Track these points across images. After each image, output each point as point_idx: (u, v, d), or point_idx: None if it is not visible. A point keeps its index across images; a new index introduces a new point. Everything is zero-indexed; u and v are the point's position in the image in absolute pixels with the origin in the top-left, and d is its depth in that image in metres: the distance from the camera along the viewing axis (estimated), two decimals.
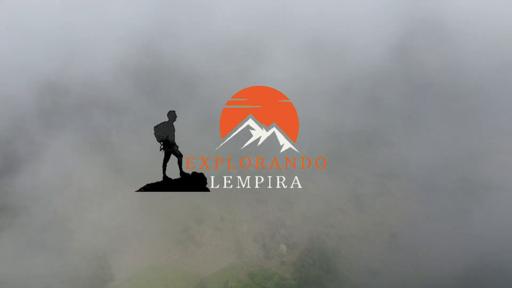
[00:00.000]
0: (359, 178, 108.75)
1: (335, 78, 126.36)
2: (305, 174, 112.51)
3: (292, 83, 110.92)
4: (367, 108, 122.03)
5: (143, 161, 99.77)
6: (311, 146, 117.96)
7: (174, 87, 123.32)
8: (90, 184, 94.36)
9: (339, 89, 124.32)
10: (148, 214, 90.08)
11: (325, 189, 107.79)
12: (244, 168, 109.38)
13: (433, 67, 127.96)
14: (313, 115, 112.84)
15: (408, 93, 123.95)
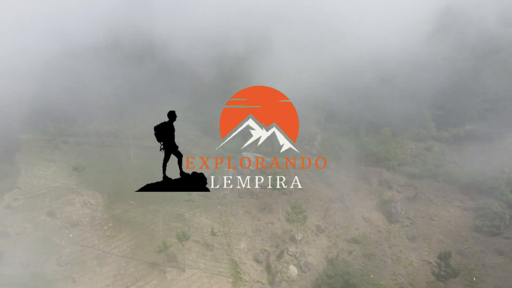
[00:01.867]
0: (385, 179, 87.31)
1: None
2: (317, 173, 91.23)
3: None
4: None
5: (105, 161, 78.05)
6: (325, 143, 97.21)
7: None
8: (38, 185, 71.60)
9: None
10: (115, 227, 67.61)
11: (343, 193, 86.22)
12: (244, 168, 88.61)
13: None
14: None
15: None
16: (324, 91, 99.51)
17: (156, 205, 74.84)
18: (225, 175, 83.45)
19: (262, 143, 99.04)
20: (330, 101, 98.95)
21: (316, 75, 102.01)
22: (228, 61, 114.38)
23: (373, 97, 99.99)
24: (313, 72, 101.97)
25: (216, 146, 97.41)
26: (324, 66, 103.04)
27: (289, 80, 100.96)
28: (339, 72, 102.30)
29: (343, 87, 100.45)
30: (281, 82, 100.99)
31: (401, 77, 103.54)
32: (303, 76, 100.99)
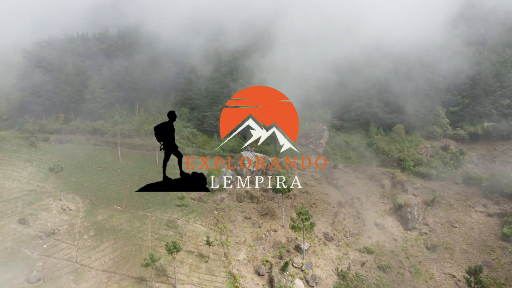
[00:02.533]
0: (399, 181, 79.24)
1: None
2: (324, 174, 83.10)
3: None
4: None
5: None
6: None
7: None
8: (10, 188, 63.08)
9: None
10: (96, 237, 59.21)
11: (353, 197, 78.11)
12: (244, 168, 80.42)
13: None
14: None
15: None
16: (331, 86, 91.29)
17: (145, 211, 66.55)
18: (223, 175, 75.32)
19: (263, 142, 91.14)
20: (337, 96, 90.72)
21: (323, 69, 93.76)
22: (226, 55, 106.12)
23: (384, 92, 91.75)
24: (320, 66, 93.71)
25: (213, 144, 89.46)
26: (331, 60, 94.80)
27: (294, 75, 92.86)
28: (347, 66, 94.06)
29: (351, 82, 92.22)
30: (285, 77, 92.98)
31: (414, 72, 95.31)
32: (309, 70, 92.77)
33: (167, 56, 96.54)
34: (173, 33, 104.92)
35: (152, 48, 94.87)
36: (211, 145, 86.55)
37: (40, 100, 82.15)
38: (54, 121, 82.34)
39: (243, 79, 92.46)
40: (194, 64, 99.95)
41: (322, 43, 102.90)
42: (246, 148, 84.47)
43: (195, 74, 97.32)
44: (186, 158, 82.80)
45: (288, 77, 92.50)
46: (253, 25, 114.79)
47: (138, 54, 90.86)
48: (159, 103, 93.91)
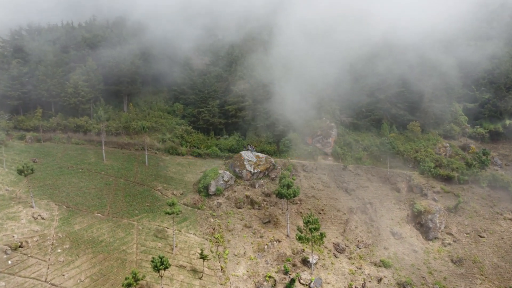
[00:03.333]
0: (417, 185, 71.10)
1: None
2: (333, 176, 74.92)
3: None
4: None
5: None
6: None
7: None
8: None
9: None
10: (72, 250, 50.73)
11: (366, 201, 69.96)
12: (244, 170, 72.03)
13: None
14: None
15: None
16: (339, 80, 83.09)
17: (130, 219, 58.16)
18: (220, 178, 67.13)
19: (265, 140, 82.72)
20: (346, 91, 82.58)
21: (330, 62, 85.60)
22: (224, 48, 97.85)
23: (398, 86, 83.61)
24: (327, 59, 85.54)
25: (210, 143, 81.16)
26: (340, 53, 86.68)
27: (299, 68, 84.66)
28: (358, 60, 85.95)
29: (362, 76, 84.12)
30: (289, 70, 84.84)
31: (429, 66, 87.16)
32: (315, 63, 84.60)
33: (159, 47, 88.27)
34: (165, 22, 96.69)
35: (143, 39, 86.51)
36: (207, 144, 78.28)
37: (16, 94, 73.70)
38: (32, 117, 73.85)
39: (242, 72, 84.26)
40: (189, 55, 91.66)
41: (329, 35, 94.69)
42: (246, 147, 76.30)
43: (190, 67, 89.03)
44: (179, 159, 74.74)
45: (292, 71, 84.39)
46: (253, 17, 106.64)
47: (127, 44, 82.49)
48: (150, 98, 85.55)
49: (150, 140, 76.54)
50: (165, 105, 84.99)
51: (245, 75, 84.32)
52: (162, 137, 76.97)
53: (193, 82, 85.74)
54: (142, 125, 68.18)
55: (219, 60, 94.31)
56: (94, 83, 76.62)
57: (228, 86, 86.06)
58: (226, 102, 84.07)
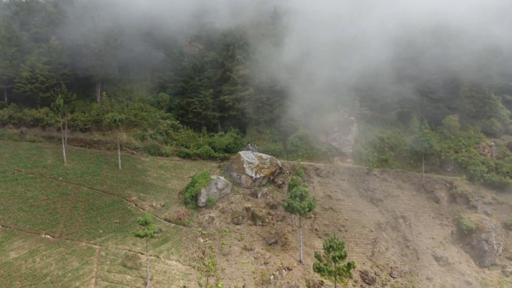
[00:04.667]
0: (461, 193, 56.56)
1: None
2: (354, 182, 60.36)
3: None
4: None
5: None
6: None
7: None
8: None
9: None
10: None
11: (397, 215, 55.44)
12: (243, 175, 57.46)
13: None
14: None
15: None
16: (360, 67, 68.40)
17: (91, 241, 43.39)
18: (212, 186, 52.56)
19: (269, 137, 68.03)
20: (368, 79, 67.95)
21: (348, 43, 70.87)
22: (222, 29, 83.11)
23: (428, 73, 69.08)
24: (345, 39, 70.84)
25: (201, 141, 66.61)
26: (358, 33, 71.99)
27: (308, 49, 70.07)
28: (380, 41, 71.30)
29: (386, 61, 69.43)
30: (297, 52, 70.28)
31: (464, 50, 72.43)
32: (331, 45, 69.83)
33: (142, 26, 73.37)
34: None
35: (121, 15, 71.57)
36: (197, 142, 63.60)
37: None
38: None
39: (242, 56, 69.64)
40: (177, 37, 76.99)
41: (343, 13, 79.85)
42: (246, 146, 61.52)
43: (179, 50, 74.33)
44: (163, 161, 60.03)
45: (301, 53, 69.74)
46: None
47: (101, 21, 67.62)
48: (129, 87, 70.69)
49: (127, 137, 61.82)
50: (148, 95, 70.26)
51: (246, 59, 69.76)
52: (142, 134, 62.30)
53: (181, 68, 71.07)
54: (114, 118, 53.44)
55: (214, 43, 79.68)
56: (58, 66, 61.83)
57: (225, 73, 71.51)
58: (221, 92, 69.46)
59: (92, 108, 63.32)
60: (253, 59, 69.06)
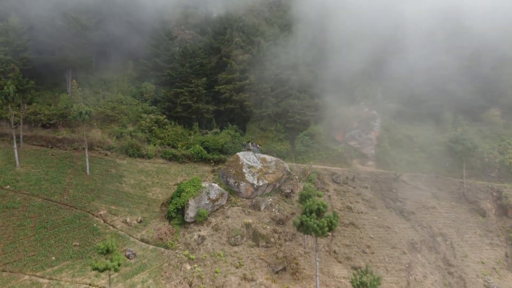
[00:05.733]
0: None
1: None
2: (379, 190, 49.40)
3: None
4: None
5: None
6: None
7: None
8: None
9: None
10: None
11: (435, 232, 44.42)
12: (242, 182, 46.68)
13: None
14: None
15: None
16: (379, 49, 57.46)
17: (37, 272, 32.32)
18: (203, 196, 41.53)
19: (275, 136, 56.67)
20: (390, 64, 56.98)
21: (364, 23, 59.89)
22: (219, 12, 72.05)
23: (464, 58, 58.06)
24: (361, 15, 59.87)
25: (191, 140, 55.43)
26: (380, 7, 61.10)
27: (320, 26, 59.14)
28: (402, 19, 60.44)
29: (413, 41, 58.48)
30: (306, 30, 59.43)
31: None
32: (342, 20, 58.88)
33: (125, 4, 62.20)
34: None
35: None
36: (187, 141, 52.53)
37: None
38: None
39: (241, 39, 58.70)
40: (165, 18, 65.97)
41: None
42: (246, 146, 50.42)
43: (167, 33, 63.31)
44: (143, 164, 48.79)
45: (313, 36, 58.85)
46: None
47: None
48: (108, 76, 59.60)
49: (102, 135, 50.75)
50: (129, 85, 59.26)
51: (246, 43, 58.84)
52: (120, 131, 51.25)
53: (170, 54, 60.05)
54: (79, 110, 42.24)
55: (209, 27, 68.70)
56: (17, 48, 50.64)
57: (221, 60, 60.53)
58: (217, 82, 58.48)
59: (60, 100, 52.16)
60: (255, 42, 58.05)
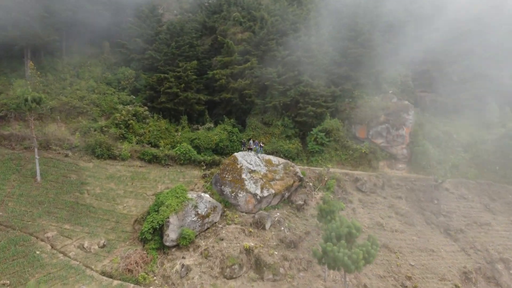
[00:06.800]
0: None
1: None
2: (415, 201, 38.99)
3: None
4: None
5: None
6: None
7: None
8: None
9: None
10: None
11: (493, 257, 33.97)
12: (242, 192, 36.41)
13: None
14: None
15: None
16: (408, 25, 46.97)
17: None
18: (189, 210, 31.00)
19: (282, 132, 45.41)
20: (422, 44, 46.53)
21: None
22: None
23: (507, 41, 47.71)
24: None
25: (178, 137, 44.92)
26: None
27: None
28: None
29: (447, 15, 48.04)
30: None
31: None
32: None
33: None
34: None
35: None
36: (172, 139, 42.06)
37: None
38: None
39: (239, 14, 48.23)
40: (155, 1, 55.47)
41: None
42: (246, 144, 39.84)
43: (150, 8, 52.75)
44: (116, 167, 38.16)
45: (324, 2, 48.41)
46: None
47: None
48: (80, 60, 49.08)
49: (64, 130, 40.31)
50: (105, 71, 48.76)
51: (246, 19, 48.45)
52: (88, 125, 40.85)
53: (154, 33, 49.54)
54: (24, 96, 31.78)
55: (203, 6, 58.22)
56: None
57: (215, 42, 50.14)
58: (211, 67, 48.07)
59: (13, 87, 41.68)
60: (257, 18, 47.59)
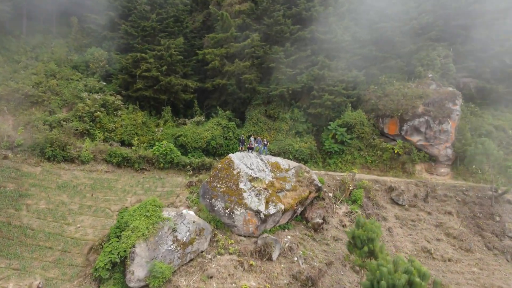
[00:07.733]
0: None
1: None
2: (474, 219, 29.58)
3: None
4: None
5: None
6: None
7: None
8: None
9: None
10: None
11: None
12: (240, 208, 27.01)
13: None
14: None
15: None
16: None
17: None
18: (165, 235, 21.52)
19: (291, 127, 36.07)
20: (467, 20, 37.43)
21: None
22: None
23: None
24: None
25: (158, 134, 35.40)
26: None
27: None
28: None
29: None
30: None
31: None
32: None
33: None
34: None
35: None
36: (152, 136, 32.73)
37: None
38: None
39: None
40: None
41: None
42: (245, 143, 30.33)
43: None
44: (72, 172, 28.86)
45: None
46: None
47: None
48: (42, 40, 39.94)
49: (8, 125, 31.03)
50: (69, 51, 39.51)
51: None
52: (44, 118, 31.61)
53: (131, 4, 40.20)
54: None
55: None
56: None
57: (208, 19, 40.90)
58: (201, 48, 38.78)
59: None
60: None
